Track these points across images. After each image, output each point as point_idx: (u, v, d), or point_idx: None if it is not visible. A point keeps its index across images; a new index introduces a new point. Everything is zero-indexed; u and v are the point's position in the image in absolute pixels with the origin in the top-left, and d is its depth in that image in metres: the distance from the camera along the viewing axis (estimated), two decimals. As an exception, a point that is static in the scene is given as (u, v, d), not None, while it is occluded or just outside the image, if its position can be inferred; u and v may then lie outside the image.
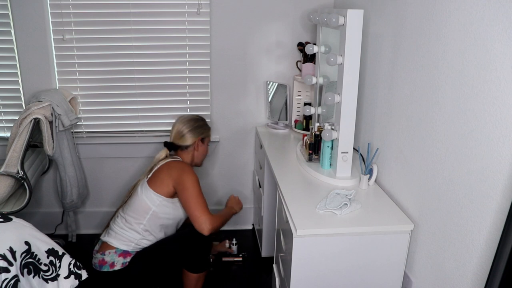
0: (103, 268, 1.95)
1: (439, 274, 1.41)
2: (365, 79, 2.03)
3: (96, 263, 1.98)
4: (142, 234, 1.98)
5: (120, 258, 1.95)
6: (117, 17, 2.46)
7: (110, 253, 1.95)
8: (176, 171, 1.99)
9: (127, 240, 1.97)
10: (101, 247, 2.01)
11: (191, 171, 2.00)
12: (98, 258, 1.98)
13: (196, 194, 1.94)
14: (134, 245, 1.97)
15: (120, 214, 2.04)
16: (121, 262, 1.95)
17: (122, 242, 1.97)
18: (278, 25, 2.56)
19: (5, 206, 2.23)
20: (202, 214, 1.91)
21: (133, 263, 1.96)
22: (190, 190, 1.94)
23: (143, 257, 1.97)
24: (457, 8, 1.29)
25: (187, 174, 1.97)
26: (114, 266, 1.94)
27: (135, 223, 1.97)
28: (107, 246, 1.98)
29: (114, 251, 1.96)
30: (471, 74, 1.23)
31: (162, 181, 1.98)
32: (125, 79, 2.58)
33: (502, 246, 0.98)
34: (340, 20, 1.68)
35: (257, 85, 2.66)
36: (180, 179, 1.96)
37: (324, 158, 1.91)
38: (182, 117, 2.20)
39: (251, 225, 2.95)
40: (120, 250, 1.96)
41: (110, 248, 1.96)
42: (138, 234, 1.97)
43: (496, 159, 1.13)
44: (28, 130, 2.15)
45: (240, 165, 2.82)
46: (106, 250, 1.97)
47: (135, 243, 1.97)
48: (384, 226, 1.54)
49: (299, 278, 1.56)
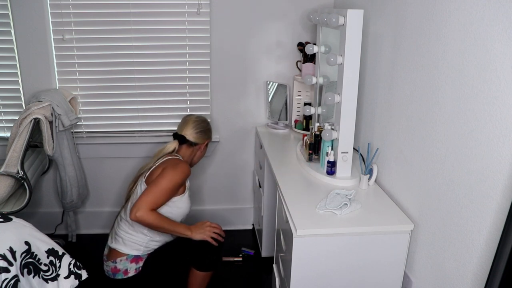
0: (117, 276, 1.92)
1: (439, 274, 1.41)
2: (365, 79, 2.03)
3: (109, 270, 1.94)
4: (149, 235, 1.93)
5: (132, 264, 1.92)
6: (117, 17, 2.46)
7: (122, 260, 1.91)
8: (169, 164, 1.94)
9: (135, 245, 1.93)
10: (111, 254, 1.96)
11: (183, 169, 1.92)
12: (110, 266, 1.94)
13: (160, 188, 1.84)
14: (144, 249, 1.94)
15: (122, 217, 1.99)
16: (134, 268, 1.92)
17: (131, 247, 1.93)
18: (278, 25, 2.56)
19: (5, 206, 2.23)
20: (146, 204, 1.80)
21: (146, 268, 1.93)
22: (161, 181, 1.85)
23: (155, 260, 1.94)
24: (457, 8, 1.29)
25: (176, 170, 1.89)
26: (128, 273, 1.91)
27: (139, 225, 1.91)
28: (117, 253, 1.93)
29: (126, 257, 1.92)
30: (471, 74, 1.23)
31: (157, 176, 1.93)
32: (125, 79, 2.58)
33: (502, 246, 0.98)
34: (340, 20, 1.68)
35: (257, 85, 2.66)
36: (166, 169, 1.90)
37: (324, 158, 1.91)
38: (196, 116, 2.19)
39: (251, 225, 2.95)
40: (131, 256, 1.92)
41: (121, 255, 1.92)
42: (145, 236, 1.93)
43: (496, 159, 1.13)
44: (28, 130, 2.15)
45: (240, 165, 2.82)
46: (117, 258, 1.92)
47: (144, 246, 1.94)
48: (384, 226, 1.54)
49: (299, 278, 1.56)
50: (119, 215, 2.05)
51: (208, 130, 2.20)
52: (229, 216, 2.87)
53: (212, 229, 1.97)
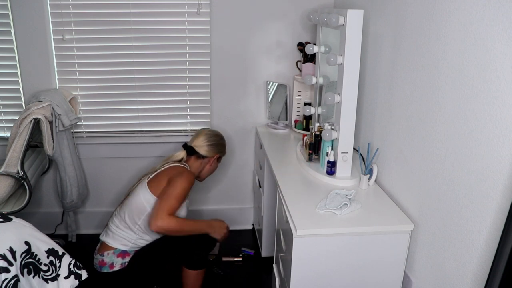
0: (103, 269, 1.95)
1: (439, 274, 1.41)
2: (365, 79, 2.03)
3: (97, 263, 1.98)
4: (138, 234, 1.97)
5: (119, 259, 1.95)
6: (117, 17, 2.46)
7: (109, 254, 1.95)
8: (175, 172, 1.99)
9: (124, 240, 1.97)
10: (100, 248, 2.01)
11: (189, 178, 1.97)
12: (98, 259, 1.98)
13: (175, 196, 1.89)
14: (131, 245, 1.97)
15: (117, 212, 2.04)
16: (120, 263, 1.95)
17: (120, 242, 1.97)
18: (278, 25, 2.56)
19: (5, 206, 2.23)
20: (165, 212, 1.84)
21: (132, 263, 1.96)
22: (173, 189, 1.90)
23: (142, 256, 1.98)
24: (457, 8, 1.29)
25: (183, 177, 1.95)
26: (114, 266, 1.95)
27: (131, 223, 1.96)
28: (106, 246, 1.98)
29: (113, 251, 1.96)
30: (471, 74, 1.23)
31: (159, 182, 1.97)
32: (125, 79, 2.58)
33: (502, 246, 0.98)
34: (340, 20, 1.68)
35: (257, 85, 2.66)
36: (174, 178, 1.94)
37: (324, 158, 1.91)
38: (210, 129, 2.26)
39: (251, 225, 2.95)
40: (118, 250, 1.96)
41: (109, 249, 1.97)
42: (134, 234, 1.97)
43: (496, 159, 1.13)
44: (28, 130, 2.15)
45: (240, 165, 2.82)
46: (105, 251, 1.97)
47: (132, 243, 1.97)
48: (384, 226, 1.54)
49: (299, 278, 1.56)
50: (115, 210, 2.09)
51: (220, 145, 2.23)
52: (229, 216, 2.87)
53: (227, 233, 2.11)
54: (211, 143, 2.18)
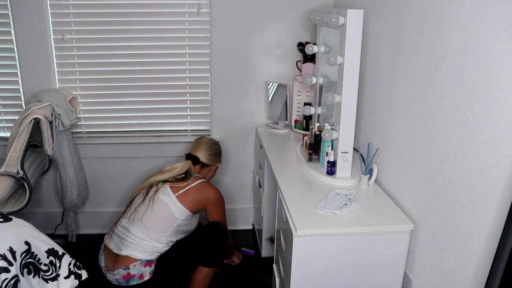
0: (131, 282, 1.92)
1: (439, 274, 1.41)
2: (365, 79, 2.03)
3: (120, 279, 1.92)
4: (166, 243, 1.98)
5: (147, 268, 1.94)
6: (117, 17, 2.46)
7: (136, 265, 1.91)
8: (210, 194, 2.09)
9: (151, 251, 1.95)
10: (119, 262, 1.93)
11: (220, 194, 2.14)
12: (121, 274, 1.92)
13: (224, 212, 2.18)
14: (157, 254, 1.97)
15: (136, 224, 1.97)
16: (149, 271, 1.94)
17: (147, 253, 1.94)
18: (278, 25, 2.56)
19: (5, 206, 2.23)
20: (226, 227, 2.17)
21: (159, 269, 1.96)
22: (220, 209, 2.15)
23: (166, 260, 1.97)
24: (457, 8, 1.29)
25: (218, 197, 2.12)
26: (144, 277, 1.93)
27: (159, 234, 1.96)
28: (129, 259, 1.92)
29: (139, 262, 1.92)
30: (471, 74, 1.23)
31: (195, 200, 2.05)
32: (125, 79, 2.58)
33: (502, 246, 0.98)
34: (340, 20, 1.68)
35: (257, 85, 2.66)
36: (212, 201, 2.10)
37: (324, 158, 1.91)
38: (208, 138, 2.29)
39: (251, 225, 2.95)
40: (144, 260, 1.93)
41: (134, 261, 1.92)
42: (161, 244, 1.97)
43: (496, 159, 1.13)
44: (28, 130, 2.15)
45: (240, 165, 2.82)
46: (129, 264, 1.91)
47: (158, 252, 1.97)
48: (384, 226, 1.54)
49: (299, 278, 1.56)
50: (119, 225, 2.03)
51: (220, 153, 2.31)
52: (229, 216, 2.87)
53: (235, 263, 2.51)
54: (213, 151, 2.24)
